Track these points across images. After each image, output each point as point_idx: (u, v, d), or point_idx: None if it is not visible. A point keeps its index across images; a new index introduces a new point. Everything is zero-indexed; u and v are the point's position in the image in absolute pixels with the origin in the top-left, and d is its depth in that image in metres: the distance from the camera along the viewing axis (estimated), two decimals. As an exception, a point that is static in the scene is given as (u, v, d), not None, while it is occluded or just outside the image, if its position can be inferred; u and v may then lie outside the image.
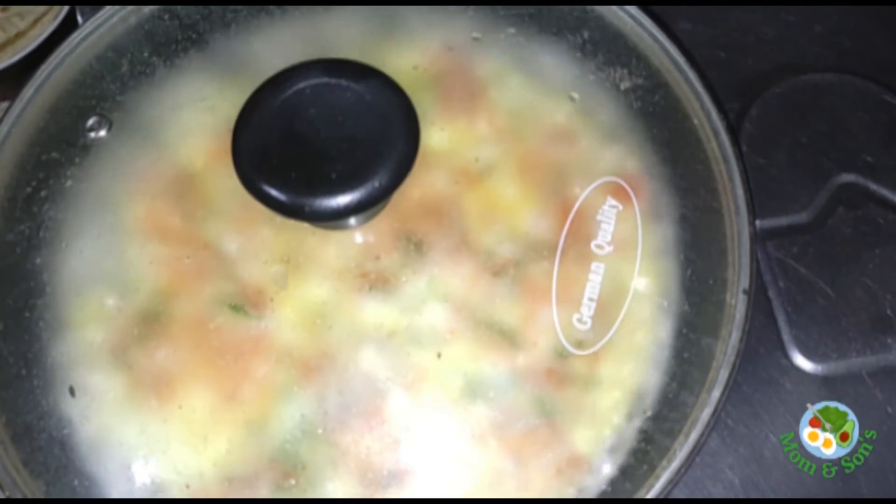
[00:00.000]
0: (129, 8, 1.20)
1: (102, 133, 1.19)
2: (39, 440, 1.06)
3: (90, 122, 1.19)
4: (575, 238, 1.15)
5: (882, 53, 1.34)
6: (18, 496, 0.95)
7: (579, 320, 1.12)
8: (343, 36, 1.27)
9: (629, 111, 1.22)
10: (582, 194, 1.18)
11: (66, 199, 1.17)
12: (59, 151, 1.17)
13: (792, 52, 1.35)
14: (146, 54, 1.21)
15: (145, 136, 1.20)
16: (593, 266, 1.14)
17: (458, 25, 1.26)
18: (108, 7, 1.18)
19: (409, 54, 1.23)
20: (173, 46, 1.22)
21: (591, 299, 1.13)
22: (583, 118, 1.22)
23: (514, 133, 1.20)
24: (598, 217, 1.17)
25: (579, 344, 1.11)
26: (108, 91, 1.20)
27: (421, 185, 1.15)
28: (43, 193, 1.15)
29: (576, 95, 1.23)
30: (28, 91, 1.13)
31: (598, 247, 1.17)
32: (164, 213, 1.14)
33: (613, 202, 1.19)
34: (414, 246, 1.14)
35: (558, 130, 1.21)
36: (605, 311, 1.12)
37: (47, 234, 1.16)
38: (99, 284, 1.14)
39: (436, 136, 1.19)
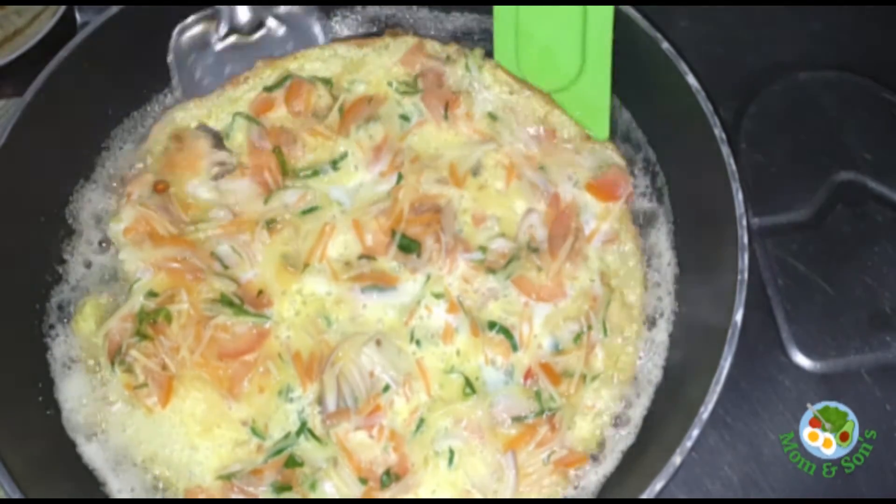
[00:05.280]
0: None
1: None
2: (40, 440, 1.06)
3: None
4: (568, 235, 1.14)
5: (880, 52, 1.33)
6: (19, 496, 0.95)
7: (573, 317, 1.13)
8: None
9: (624, 111, 1.22)
10: (574, 192, 1.18)
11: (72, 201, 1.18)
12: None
13: (791, 49, 1.34)
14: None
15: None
16: (586, 263, 1.15)
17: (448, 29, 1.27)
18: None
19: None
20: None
21: (584, 295, 1.14)
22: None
23: (504, 134, 1.20)
24: (589, 214, 1.17)
25: (575, 339, 1.12)
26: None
27: (416, 185, 1.15)
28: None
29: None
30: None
31: (589, 242, 1.17)
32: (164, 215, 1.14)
33: (605, 201, 1.18)
34: (411, 245, 1.14)
35: (549, 131, 1.22)
36: (599, 307, 1.12)
37: (56, 237, 1.16)
38: (100, 285, 1.15)
39: (427, 138, 1.20)
